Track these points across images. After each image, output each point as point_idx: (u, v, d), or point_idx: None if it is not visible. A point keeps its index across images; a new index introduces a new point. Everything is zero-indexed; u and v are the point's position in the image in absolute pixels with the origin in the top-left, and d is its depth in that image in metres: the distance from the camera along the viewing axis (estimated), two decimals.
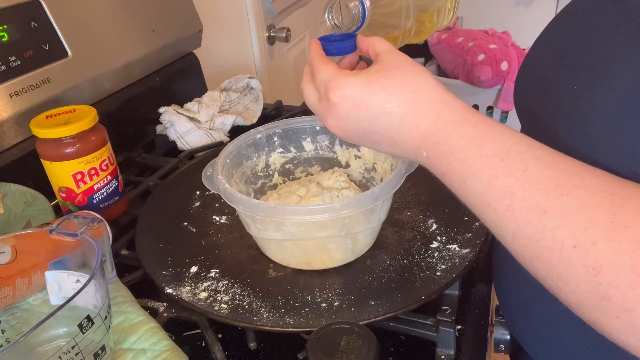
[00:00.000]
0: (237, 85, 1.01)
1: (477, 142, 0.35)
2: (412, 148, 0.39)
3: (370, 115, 0.39)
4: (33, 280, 0.47)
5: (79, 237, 0.45)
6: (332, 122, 0.42)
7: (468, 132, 0.36)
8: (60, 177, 0.63)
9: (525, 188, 0.32)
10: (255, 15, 1.34)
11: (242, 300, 0.52)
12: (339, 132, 0.42)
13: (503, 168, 0.33)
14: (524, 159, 0.33)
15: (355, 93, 0.39)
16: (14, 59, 0.67)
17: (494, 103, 1.84)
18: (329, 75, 0.41)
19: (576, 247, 0.29)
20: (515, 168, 0.33)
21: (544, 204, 0.31)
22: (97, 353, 0.40)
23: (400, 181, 0.53)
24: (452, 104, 0.38)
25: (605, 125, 0.35)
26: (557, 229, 0.30)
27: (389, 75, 0.39)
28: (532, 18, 2.09)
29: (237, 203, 0.53)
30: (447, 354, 0.48)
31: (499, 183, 0.33)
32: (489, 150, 0.34)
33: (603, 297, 0.28)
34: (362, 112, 0.39)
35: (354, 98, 0.39)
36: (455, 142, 0.36)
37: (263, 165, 0.69)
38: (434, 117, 0.37)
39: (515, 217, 0.32)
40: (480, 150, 0.34)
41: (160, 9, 0.93)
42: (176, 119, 0.88)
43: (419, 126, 0.38)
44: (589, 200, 0.30)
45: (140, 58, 0.88)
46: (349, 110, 0.40)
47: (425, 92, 0.38)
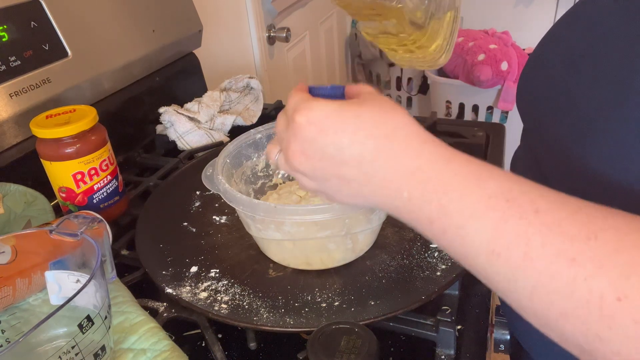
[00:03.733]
0: (237, 85, 1.01)
1: (475, 181, 0.30)
2: (389, 187, 0.33)
3: (339, 141, 0.34)
4: (33, 280, 0.47)
5: (79, 237, 0.45)
6: (295, 147, 0.36)
7: (461, 169, 0.31)
8: (60, 177, 0.63)
9: (542, 232, 0.27)
10: (255, 15, 1.34)
11: (242, 300, 0.52)
12: (303, 159, 0.36)
13: (511, 210, 0.28)
14: (532, 199, 0.28)
15: (324, 116, 0.34)
16: (14, 59, 0.67)
17: (494, 103, 1.84)
18: (301, 99, 0.37)
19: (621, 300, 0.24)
20: (526, 209, 0.28)
21: (569, 250, 0.26)
22: (97, 353, 0.40)
23: None
24: (434, 140, 0.33)
25: (634, 141, 0.31)
26: (593, 279, 0.25)
27: (364, 105, 0.35)
28: (532, 18, 2.09)
29: (237, 203, 0.53)
30: (447, 354, 0.48)
31: (510, 227, 0.28)
32: (490, 190, 0.29)
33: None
34: (330, 136, 0.34)
35: (322, 121, 0.34)
36: (449, 180, 0.31)
37: (263, 165, 0.69)
38: (416, 152, 0.32)
39: (535, 268, 0.27)
40: (481, 189, 0.29)
41: (160, 9, 0.93)
42: (176, 119, 0.88)
43: (399, 160, 0.33)
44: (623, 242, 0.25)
45: (140, 58, 0.88)
46: (315, 133, 0.35)
47: (405, 126, 0.34)
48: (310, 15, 1.72)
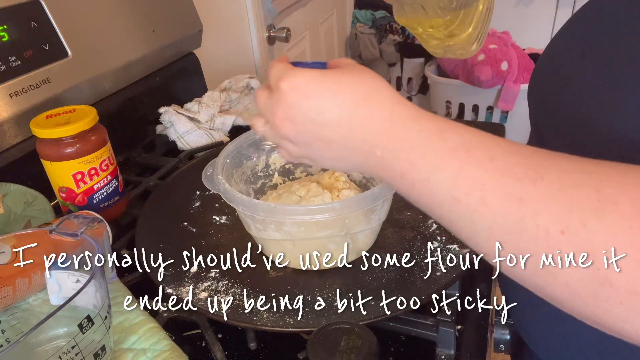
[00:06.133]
0: (237, 85, 1.01)
1: (438, 135, 0.33)
2: (364, 146, 0.36)
3: (320, 105, 0.37)
4: (33, 280, 0.47)
5: (79, 237, 0.45)
6: (281, 114, 0.39)
7: (426, 125, 0.34)
8: (60, 177, 0.63)
9: (495, 177, 0.29)
10: (255, 15, 1.34)
11: (242, 300, 0.52)
12: (288, 124, 0.39)
13: (469, 159, 0.31)
14: (489, 148, 0.31)
15: (306, 82, 0.37)
16: (14, 59, 0.66)
17: (494, 103, 1.84)
18: (283, 69, 0.39)
19: (564, 233, 0.26)
20: (482, 158, 0.31)
21: (519, 191, 0.28)
22: (97, 353, 0.40)
23: None
24: (406, 103, 0.36)
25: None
26: (539, 216, 0.27)
27: (343, 72, 0.38)
28: (532, 18, 2.09)
29: (237, 203, 0.53)
30: (447, 354, 0.48)
31: (468, 175, 0.31)
32: (451, 142, 0.32)
33: (602, 284, 0.25)
34: (312, 100, 0.37)
35: (304, 87, 0.37)
36: (415, 136, 0.34)
37: (263, 165, 0.69)
38: (388, 112, 0.36)
39: (490, 211, 0.29)
40: (443, 142, 0.32)
41: (160, 9, 0.93)
42: (176, 119, 0.88)
43: (372, 121, 0.36)
44: (566, 181, 0.27)
45: (140, 58, 0.88)
46: (298, 99, 0.37)
47: (380, 90, 0.37)
48: (310, 15, 1.72)
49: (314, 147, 0.39)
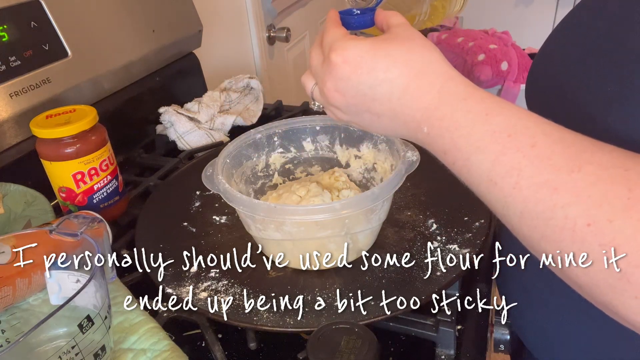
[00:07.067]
0: (237, 85, 1.01)
1: (484, 117, 0.33)
2: (412, 122, 0.37)
3: (372, 80, 0.37)
4: (33, 280, 0.47)
5: (79, 237, 0.45)
6: (331, 85, 0.39)
7: (474, 106, 0.34)
8: (60, 177, 0.63)
9: (534, 164, 0.30)
10: (255, 15, 1.34)
11: (242, 300, 0.52)
12: (338, 96, 0.39)
13: (511, 143, 0.31)
14: (532, 134, 0.31)
15: (358, 55, 0.37)
16: (14, 59, 0.66)
17: None
18: (336, 37, 0.39)
19: (590, 226, 0.27)
20: (524, 143, 0.31)
21: (554, 180, 0.29)
22: (97, 353, 0.40)
23: (400, 181, 0.53)
24: (457, 79, 0.36)
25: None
26: (569, 207, 0.28)
27: (396, 43, 0.38)
28: (532, 18, 2.09)
29: (237, 203, 0.53)
30: (447, 354, 0.48)
31: (506, 159, 0.31)
32: (495, 125, 0.32)
33: (621, 277, 0.26)
34: (364, 75, 0.37)
35: (356, 60, 0.37)
36: (461, 117, 0.34)
37: (263, 165, 0.69)
38: (438, 90, 0.36)
39: (523, 196, 0.30)
40: (487, 125, 0.33)
41: (160, 9, 0.93)
42: (176, 119, 0.88)
43: (421, 98, 0.36)
44: (602, 176, 0.28)
45: (140, 58, 0.88)
46: (349, 72, 0.38)
47: (431, 64, 0.37)
48: (310, 15, 1.72)
49: (364, 117, 0.40)
